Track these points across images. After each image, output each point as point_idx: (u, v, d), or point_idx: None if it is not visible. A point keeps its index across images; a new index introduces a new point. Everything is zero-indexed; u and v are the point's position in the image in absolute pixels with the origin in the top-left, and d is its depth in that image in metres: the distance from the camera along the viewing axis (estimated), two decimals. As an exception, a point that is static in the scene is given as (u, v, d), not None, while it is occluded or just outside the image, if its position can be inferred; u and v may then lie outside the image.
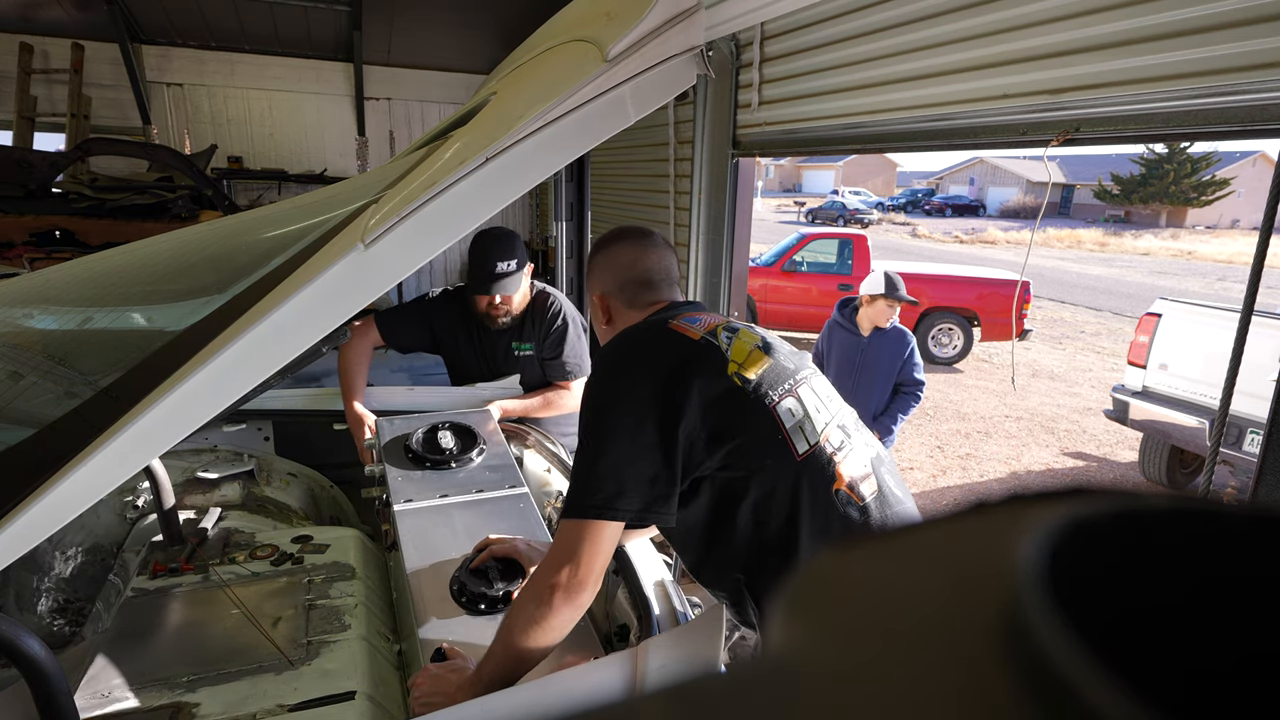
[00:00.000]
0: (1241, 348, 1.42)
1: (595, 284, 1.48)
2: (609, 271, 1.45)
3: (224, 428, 2.34)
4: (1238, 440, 4.23)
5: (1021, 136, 1.89)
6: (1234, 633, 0.19)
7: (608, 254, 1.45)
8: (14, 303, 1.84)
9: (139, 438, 0.99)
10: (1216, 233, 34.24)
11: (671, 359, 1.22)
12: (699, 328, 1.29)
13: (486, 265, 2.30)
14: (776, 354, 1.32)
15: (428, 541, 1.57)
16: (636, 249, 1.44)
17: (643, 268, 1.43)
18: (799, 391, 1.28)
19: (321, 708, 1.19)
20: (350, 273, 1.07)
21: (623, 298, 1.43)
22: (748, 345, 1.29)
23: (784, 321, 9.87)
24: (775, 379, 1.26)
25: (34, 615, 1.77)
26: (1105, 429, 6.78)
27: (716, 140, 3.44)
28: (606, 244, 1.47)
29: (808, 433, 1.24)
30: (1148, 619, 0.20)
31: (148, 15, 6.64)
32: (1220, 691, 0.19)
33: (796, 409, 1.25)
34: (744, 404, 1.21)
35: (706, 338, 1.26)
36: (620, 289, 1.43)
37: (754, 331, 1.35)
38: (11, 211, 4.85)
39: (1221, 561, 0.20)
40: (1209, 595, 0.20)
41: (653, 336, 1.29)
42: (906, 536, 0.24)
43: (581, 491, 1.17)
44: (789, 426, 1.22)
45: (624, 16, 1.17)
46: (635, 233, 1.48)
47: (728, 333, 1.29)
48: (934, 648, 0.18)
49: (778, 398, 1.24)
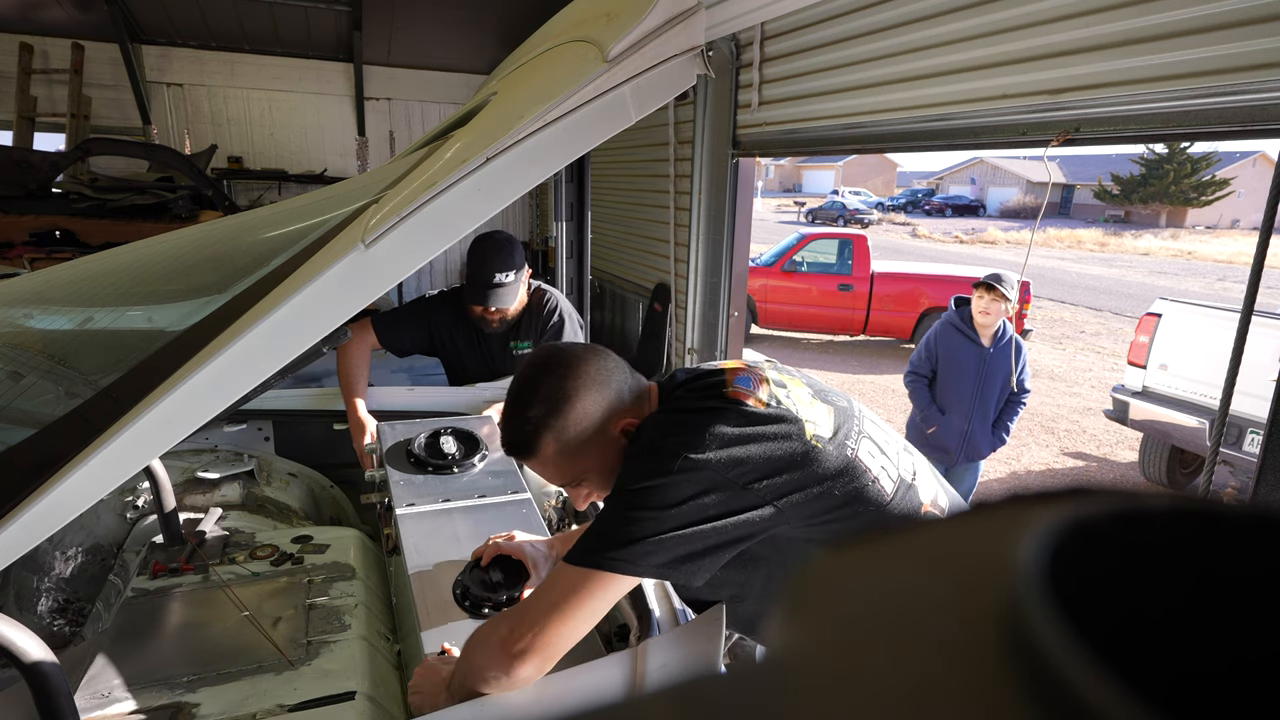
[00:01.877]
0: (1241, 348, 1.42)
1: (593, 417, 1.15)
2: (595, 394, 1.15)
3: (224, 428, 2.34)
4: (1238, 440, 4.23)
5: (1021, 136, 1.89)
6: (1233, 633, 0.19)
7: (581, 378, 1.15)
8: (14, 303, 1.84)
9: (139, 438, 0.99)
10: (1216, 233, 34.24)
11: (758, 446, 1.05)
12: (758, 392, 1.12)
13: (484, 274, 2.29)
14: (827, 395, 1.20)
15: (430, 546, 1.57)
16: (583, 366, 1.16)
17: (604, 369, 1.18)
18: (866, 429, 1.18)
19: (321, 708, 1.19)
20: (350, 273, 1.07)
21: (629, 402, 1.19)
22: (804, 395, 1.16)
23: (784, 321, 9.88)
24: (846, 425, 1.15)
25: (34, 615, 1.77)
26: (1105, 429, 6.78)
27: (716, 140, 3.44)
28: (564, 388, 1.13)
29: (889, 471, 1.16)
30: (1148, 619, 0.20)
31: (148, 15, 6.64)
32: (1219, 692, 0.19)
33: (874, 450, 1.15)
34: (828, 463, 1.08)
35: (772, 405, 1.11)
36: (624, 397, 1.18)
37: (798, 380, 1.22)
38: (11, 211, 4.85)
39: (1221, 562, 0.20)
40: (1209, 596, 0.20)
41: (723, 413, 1.08)
42: (907, 536, 0.24)
43: (606, 544, 1.02)
44: (875, 471, 1.13)
45: (624, 17, 1.17)
46: (556, 363, 1.16)
47: (781, 388, 1.15)
48: (934, 648, 0.18)
49: (856, 444, 1.13)
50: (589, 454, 1.16)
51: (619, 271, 6.08)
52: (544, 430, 1.13)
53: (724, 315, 3.61)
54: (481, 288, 2.30)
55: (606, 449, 1.17)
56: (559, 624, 1.01)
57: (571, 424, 1.13)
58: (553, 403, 1.12)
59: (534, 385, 1.14)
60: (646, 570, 1.01)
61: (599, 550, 1.02)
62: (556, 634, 1.02)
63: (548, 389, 1.13)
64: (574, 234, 3.36)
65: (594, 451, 1.16)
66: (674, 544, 1.01)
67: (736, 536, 1.05)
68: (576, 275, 3.40)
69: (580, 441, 1.14)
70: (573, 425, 1.13)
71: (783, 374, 1.20)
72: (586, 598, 1.02)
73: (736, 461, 1.03)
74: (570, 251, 3.40)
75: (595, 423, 1.14)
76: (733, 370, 1.18)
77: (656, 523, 1.01)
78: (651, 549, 1.01)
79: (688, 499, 1.01)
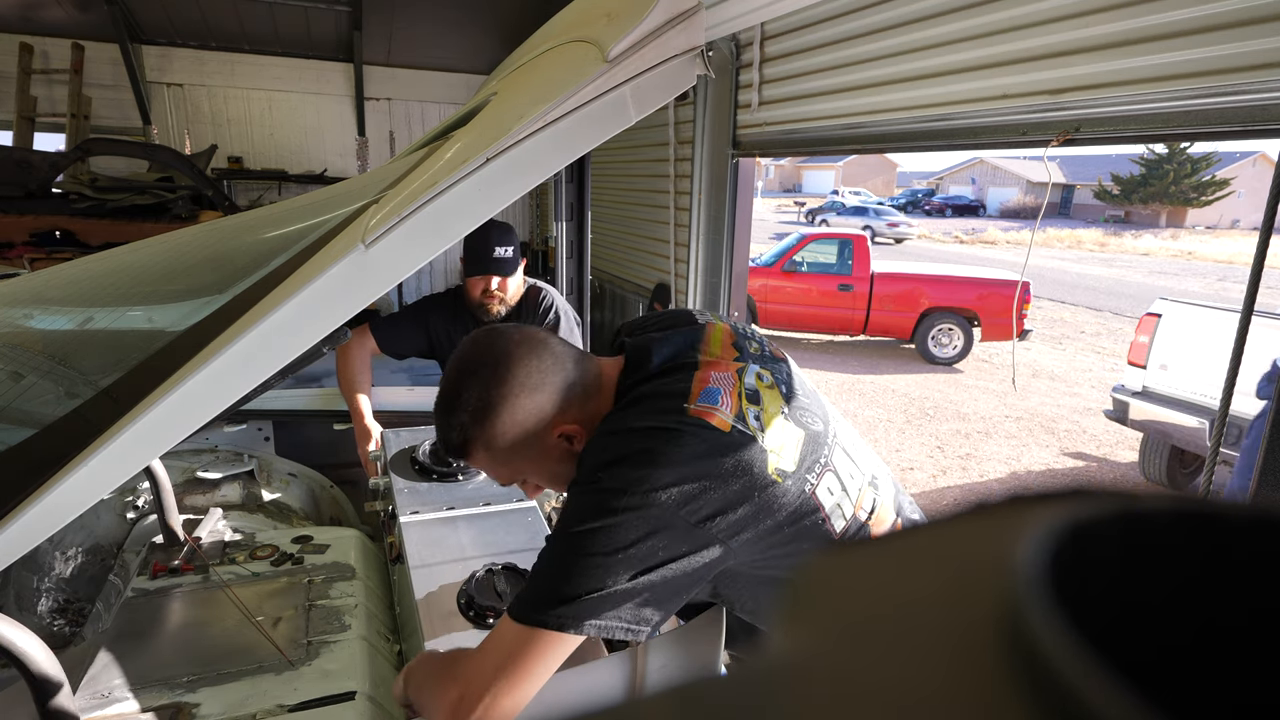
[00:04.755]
0: (1241, 348, 1.42)
1: (523, 425, 1.06)
2: (525, 400, 1.06)
3: (224, 428, 2.34)
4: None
5: (1021, 136, 1.89)
6: (1234, 635, 0.19)
7: (509, 384, 1.06)
8: (14, 303, 1.84)
9: (139, 438, 0.99)
10: (1216, 233, 34.26)
11: (714, 480, 0.96)
12: (724, 409, 1.01)
13: (485, 247, 2.30)
14: (802, 414, 1.10)
15: (434, 555, 1.56)
16: (513, 369, 1.06)
17: (538, 369, 1.07)
18: (834, 460, 1.10)
19: (321, 708, 1.19)
20: (350, 273, 1.07)
21: (572, 403, 1.09)
22: (776, 416, 1.06)
23: (784, 321, 9.89)
24: (812, 456, 1.06)
25: (34, 615, 1.77)
26: (1105, 429, 6.78)
27: (716, 140, 3.45)
28: (489, 396, 1.05)
29: (844, 508, 1.09)
30: (1148, 620, 0.20)
31: (148, 15, 6.64)
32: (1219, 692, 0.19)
33: (834, 486, 1.08)
34: (784, 500, 1.01)
35: (738, 428, 1.00)
36: (564, 399, 1.09)
37: (776, 383, 1.11)
38: (11, 211, 4.85)
39: (1222, 563, 0.20)
40: (1209, 597, 0.20)
41: (679, 437, 0.98)
42: (906, 537, 0.24)
43: (549, 598, 0.94)
44: (829, 509, 1.06)
45: (624, 17, 1.17)
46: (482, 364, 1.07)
47: (753, 405, 1.04)
48: (934, 649, 0.18)
49: (816, 479, 1.06)
50: (524, 458, 1.10)
51: (619, 271, 6.08)
52: (472, 438, 1.07)
53: (724, 315, 3.61)
54: (484, 260, 2.31)
55: (545, 454, 1.10)
56: (510, 691, 0.94)
57: (500, 433, 1.06)
58: (477, 411, 1.05)
59: (458, 390, 1.06)
60: (592, 630, 0.94)
61: (543, 607, 0.95)
62: (510, 699, 0.94)
63: (470, 396, 1.05)
64: (574, 234, 3.36)
65: (531, 455, 1.10)
66: (621, 597, 0.94)
67: (686, 585, 0.98)
68: (576, 275, 3.40)
69: (512, 448, 1.08)
70: (501, 435, 1.06)
71: (760, 382, 1.09)
72: (536, 660, 0.94)
73: (689, 498, 0.95)
74: (570, 251, 3.40)
75: (527, 429, 1.07)
76: (702, 378, 1.05)
77: (603, 570, 0.93)
78: (597, 604, 0.93)
79: (634, 542, 0.93)
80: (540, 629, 0.94)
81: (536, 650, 0.94)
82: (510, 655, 0.95)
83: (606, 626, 0.94)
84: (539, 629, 0.94)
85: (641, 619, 0.96)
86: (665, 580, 0.95)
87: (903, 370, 8.88)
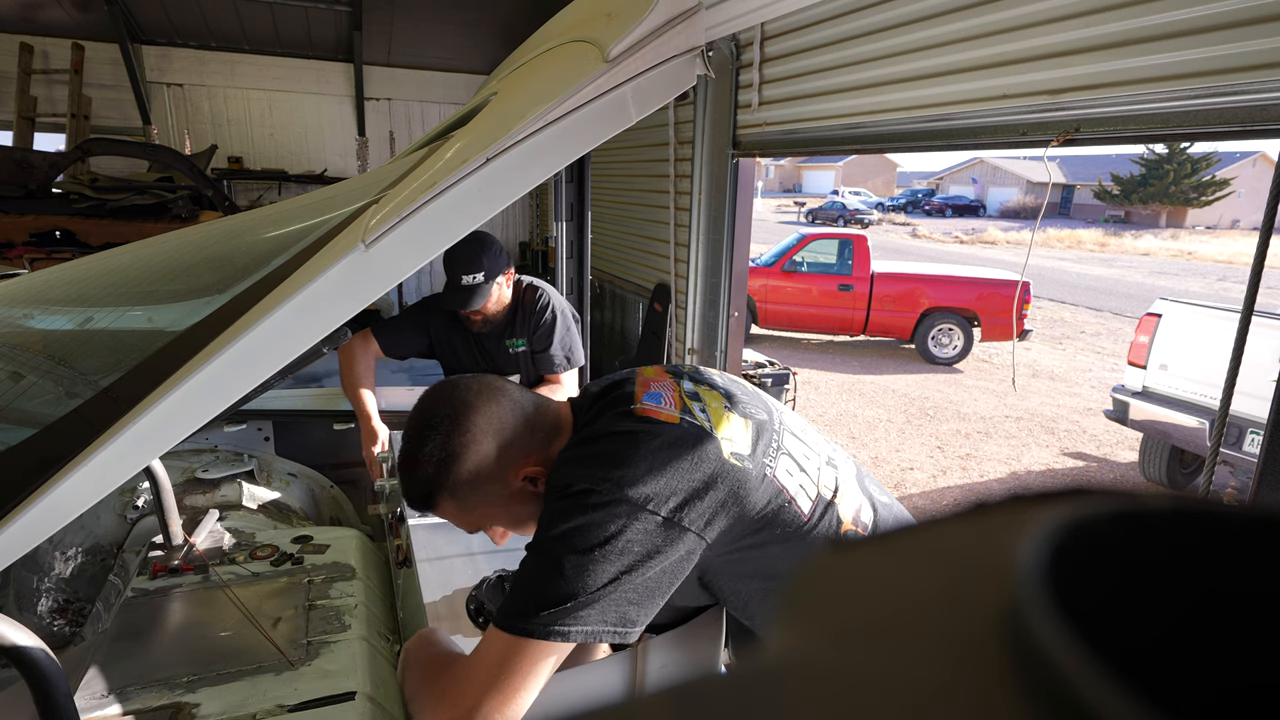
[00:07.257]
0: (1241, 348, 1.43)
1: (485, 471, 1.10)
2: (486, 446, 1.09)
3: (224, 428, 2.34)
4: (1238, 440, 4.23)
5: (1021, 137, 1.89)
6: (1233, 634, 0.19)
7: (470, 432, 1.09)
8: (14, 303, 1.84)
9: (139, 438, 0.99)
10: (1216, 233, 34.27)
11: (674, 470, 1.00)
12: (668, 407, 1.07)
13: (450, 277, 2.27)
14: (745, 407, 1.14)
15: (442, 558, 1.56)
16: (472, 418, 1.10)
17: (496, 416, 1.11)
18: (786, 444, 1.13)
19: (321, 708, 1.19)
20: (351, 273, 1.07)
21: (535, 445, 1.13)
22: (720, 410, 1.10)
23: (784, 322, 9.89)
24: (765, 441, 1.10)
25: (34, 615, 1.77)
26: (1105, 429, 6.79)
27: (716, 140, 3.45)
28: (450, 446, 1.08)
29: (807, 489, 1.11)
30: (1148, 620, 0.20)
31: (148, 15, 6.65)
32: (1219, 692, 0.19)
33: (792, 468, 1.11)
34: (749, 483, 1.03)
35: (686, 419, 1.05)
36: (525, 442, 1.12)
37: (713, 387, 1.16)
38: (11, 211, 4.85)
39: (1222, 563, 0.20)
40: (1209, 597, 0.20)
41: (632, 437, 1.03)
42: (906, 537, 0.24)
43: (534, 605, 0.95)
44: (792, 491, 1.08)
45: (624, 17, 1.17)
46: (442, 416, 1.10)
47: (695, 401, 1.10)
48: (934, 648, 0.18)
49: (774, 463, 1.08)
50: (490, 504, 1.13)
51: (619, 271, 6.09)
52: (437, 488, 1.09)
53: (724, 315, 3.61)
54: (448, 290, 2.29)
55: (510, 498, 1.13)
56: (501, 705, 0.95)
57: (464, 481, 1.09)
58: (441, 462, 1.08)
59: (421, 443, 1.09)
60: (578, 636, 0.95)
61: (528, 615, 0.95)
62: (502, 715, 0.95)
63: (433, 448, 1.08)
64: (574, 234, 3.36)
65: (496, 500, 1.12)
66: (602, 599, 0.95)
67: (665, 582, 0.99)
68: (576, 275, 3.40)
69: (478, 494, 1.11)
70: (466, 482, 1.09)
71: (699, 385, 1.15)
72: (526, 670, 0.95)
73: (655, 492, 0.97)
74: (570, 251, 3.40)
75: (492, 474, 1.10)
76: (643, 384, 1.12)
77: (580, 570, 0.94)
78: (579, 607, 0.94)
79: (608, 538, 0.95)
80: (526, 638, 0.94)
81: (525, 660, 0.95)
82: (500, 666, 0.95)
83: (592, 631, 0.95)
84: (525, 638, 0.94)
85: (626, 620, 0.97)
86: (644, 578, 0.96)
87: (903, 370, 8.88)
